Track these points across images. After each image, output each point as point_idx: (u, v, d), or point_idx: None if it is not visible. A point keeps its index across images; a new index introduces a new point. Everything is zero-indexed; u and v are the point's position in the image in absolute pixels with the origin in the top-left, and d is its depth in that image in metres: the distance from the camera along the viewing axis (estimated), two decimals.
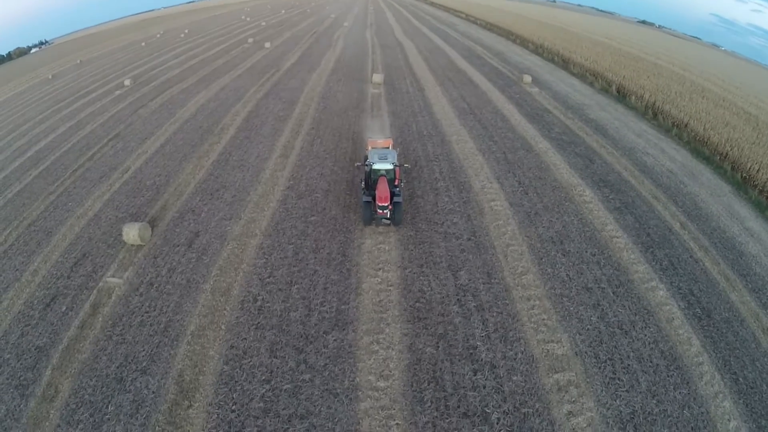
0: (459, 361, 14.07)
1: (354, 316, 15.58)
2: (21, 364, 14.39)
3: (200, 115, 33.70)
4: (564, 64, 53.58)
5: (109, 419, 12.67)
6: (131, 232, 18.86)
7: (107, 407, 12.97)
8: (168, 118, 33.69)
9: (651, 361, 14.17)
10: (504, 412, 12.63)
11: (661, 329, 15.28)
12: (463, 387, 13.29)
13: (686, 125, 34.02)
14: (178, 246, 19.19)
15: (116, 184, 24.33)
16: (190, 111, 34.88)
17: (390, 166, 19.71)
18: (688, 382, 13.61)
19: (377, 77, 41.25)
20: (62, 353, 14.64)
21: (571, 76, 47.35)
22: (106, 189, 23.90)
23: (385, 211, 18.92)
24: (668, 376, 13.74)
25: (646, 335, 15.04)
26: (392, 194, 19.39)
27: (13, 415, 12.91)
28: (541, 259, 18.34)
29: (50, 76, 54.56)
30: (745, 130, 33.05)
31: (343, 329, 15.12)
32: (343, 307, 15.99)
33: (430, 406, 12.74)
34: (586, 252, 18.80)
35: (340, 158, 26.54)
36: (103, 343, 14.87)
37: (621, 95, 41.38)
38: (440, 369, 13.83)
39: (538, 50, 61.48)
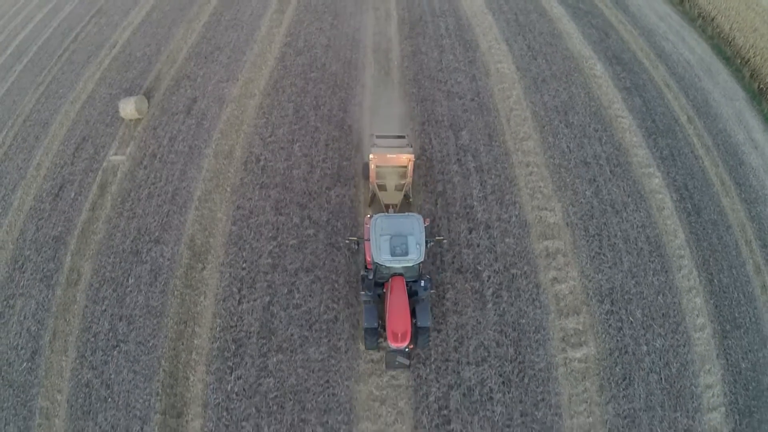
0: (456, 219, 14.59)
1: (355, 172, 15.82)
2: (41, 256, 14.96)
3: None
4: None
5: (130, 291, 13.56)
6: (128, 107, 18.48)
7: (127, 280, 13.80)
8: None
9: (636, 244, 14.59)
10: (494, 270, 13.43)
11: (651, 216, 15.48)
12: (459, 244, 13.94)
13: (712, 19, 30.97)
14: (177, 114, 18.88)
15: (105, 61, 23.32)
16: None
17: (411, 264, 11.34)
18: (667, 271, 14.12)
19: None
20: (78, 238, 15.16)
21: None
22: (96, 68, 22.97)
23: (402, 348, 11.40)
24: (650, 261, 14.23)
25: (635, 218, 15.29)
26: (413, 297, 11.68)
27: (43, 306, 13.72)
28: (544, 127, 18.03)
29: None
30: None
31: (345, 185, 15.50)
32: (344, 163, 16.23)
33: (426, 260, 12.93)
34: (589, 127, 18.31)
35: (341, 11, 24.93)
36: (115, 221, 15.34)
37: None
38: (438, 225, 14.34)
39: None
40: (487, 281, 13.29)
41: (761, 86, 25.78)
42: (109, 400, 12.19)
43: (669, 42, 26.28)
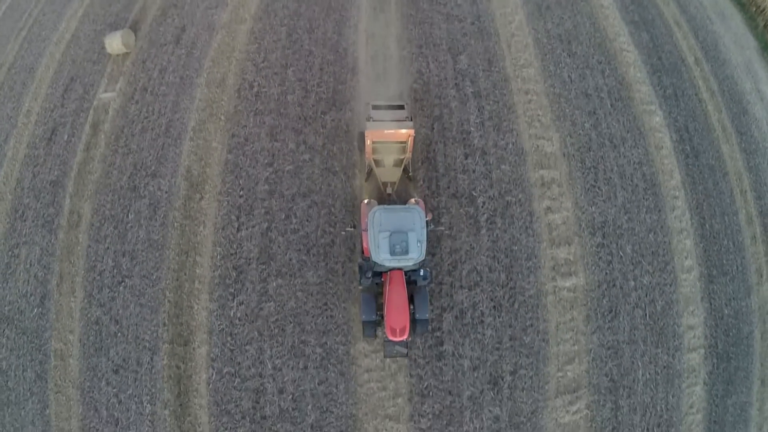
0: (452, 144, 14.47)
1: (351, 96, 15.61)
2: (41, 202, 14.92)
3: None
4: None
5: (131, 227, 13.66)
6: (114, 42, 17.80)
7: (127, 216, 13.87)
8: None
9: (632, 180, 14.41)
10: (489, 197, 13.45)
11: (649, 153, 15.10)
12: (454, 169, 13.92)
13: None
14: (166, 45, 18.23)
15: None
16: None
17: (411, 263, 10.88)
18: (660, 210, 14.02)
19: None
20: (75, 179, 15.08)
21: None
22: (78, 5, 21.74)
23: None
24: (644, 199, 14.12)
25: (633, 154, 14.94)
26: (412, 285, 11.27)
27: (47, 251, 13.81)
28: (546, 55, 17.28)
29: None
30: None
31: (341, 109, 15.27)
32: (340, 87, 15.89)
33: (422, 185, 13.56)
34: (593, 58, 17.48)
35: None
36: (110, 159, 15.21)
37: None
38: (434, 150, 14.32)
39: None
40: (482, 207, 13.41)
41: None
42: (119, 334, 12.60)
43: None
